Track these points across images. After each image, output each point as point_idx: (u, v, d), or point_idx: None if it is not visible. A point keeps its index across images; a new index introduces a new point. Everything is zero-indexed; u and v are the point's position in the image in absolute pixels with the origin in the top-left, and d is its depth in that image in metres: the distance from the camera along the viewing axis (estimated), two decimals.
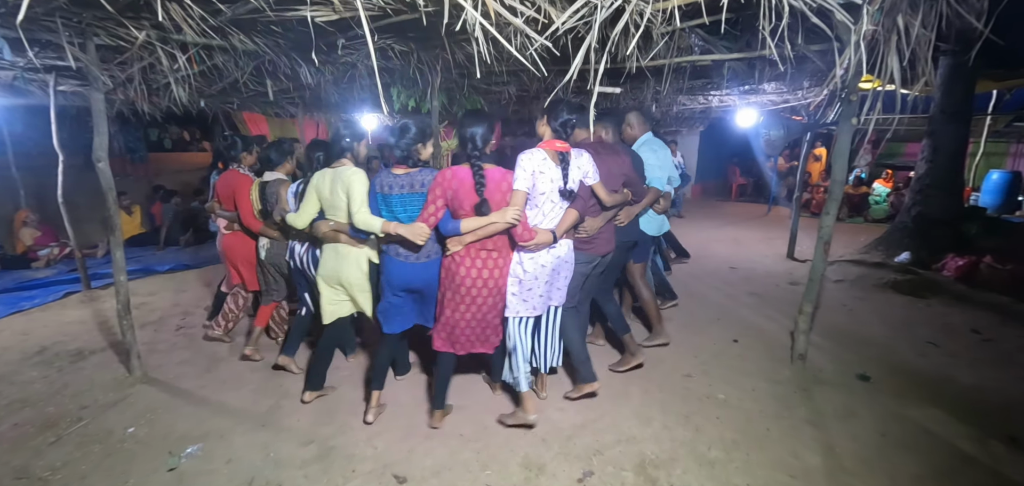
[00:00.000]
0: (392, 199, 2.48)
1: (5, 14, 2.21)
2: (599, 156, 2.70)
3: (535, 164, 2.35)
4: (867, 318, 4.35)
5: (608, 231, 2.87)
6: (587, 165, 2.54)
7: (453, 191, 2.33)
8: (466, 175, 2.31)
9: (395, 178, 2.48)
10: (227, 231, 3.57)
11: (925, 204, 6.01)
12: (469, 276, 2.42)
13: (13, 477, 2.36)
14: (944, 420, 2.78)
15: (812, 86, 5.29)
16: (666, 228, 3.70)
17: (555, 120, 2.44)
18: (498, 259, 2.45)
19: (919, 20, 2.19)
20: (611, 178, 2.76)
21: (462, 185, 2.31)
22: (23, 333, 4.13)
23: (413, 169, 2.50)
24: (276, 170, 3.28)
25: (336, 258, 2.74)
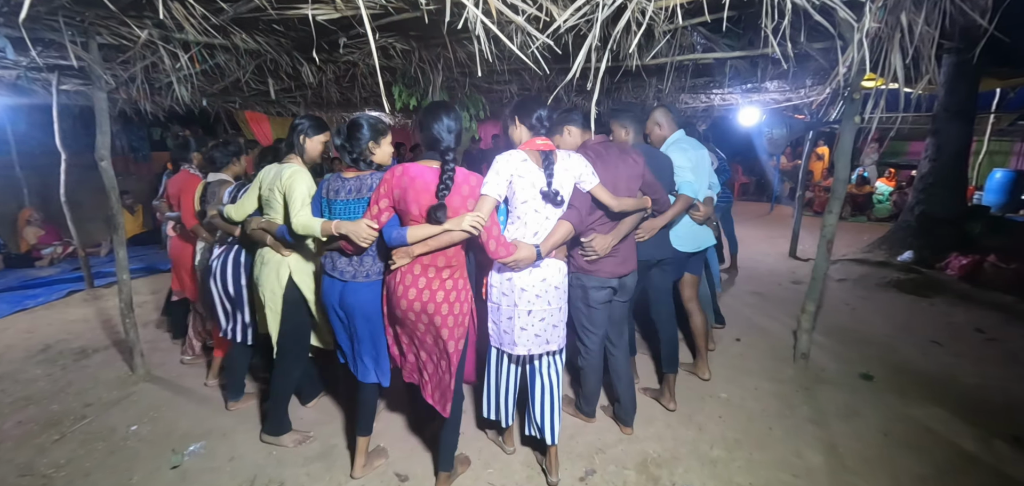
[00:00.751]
0: (336, 205, 2.11)
1: (8, 13, 2.22)
2: (601, 158, 2.32)
3: (512, 167, 1.98)
4: (870, 317, 4.34)
5: (625, 249, 2.42)
6: (580, 167, 2.14)
7: (401, 191, 1.92)
8: (419, 173, 1.92)
9: (342, 182, 2.13)
10: (172, 233, 3.44)
11: (928, 203, 5.99)
12: (405, 299, 1.96)
13: (18, 474, 2.37)
14: (947, 419, 2.78)
15: (814, 84, 5.27)
16: (709, 243, 3.12)
17: (528, 118, 2.09)
18: (447, 281, 1.98)
19: (922, 17, 2.18)
20: (620, 183, 2.33)
21: (413, 184, 1.90)
22: (27, 331, 4.15)
23: (364, 172, 2.13)
24: (222, 171, 3.03)
25: (260, 263, 2.46)
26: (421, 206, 1.91)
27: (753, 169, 12.64)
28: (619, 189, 2.31)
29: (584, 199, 2.20)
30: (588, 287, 2.37)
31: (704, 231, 3.05)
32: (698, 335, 3.19)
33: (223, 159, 3.02)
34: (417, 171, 1.93)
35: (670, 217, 2.71)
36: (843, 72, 2.35)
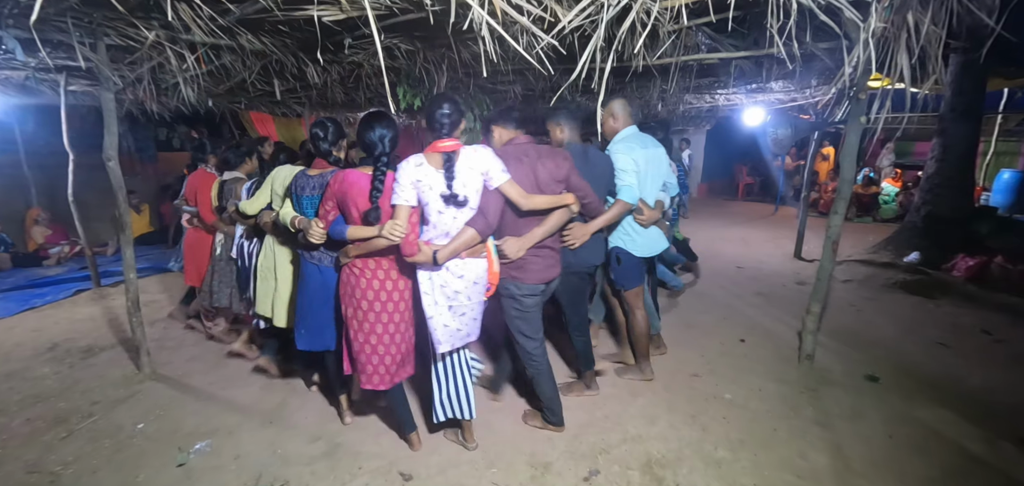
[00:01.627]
0: (303, 200, 2.35)
1: (18, 15, 2.24)
2: (518, 156, 2.26)
3: (410, 174, 2.02)
4: (876, 318, 4.32)
5: (546, 255, 2.36)
6: (486, 163, 2.09)
7: (341, 195, 2.11)
8: (356, 179, 2.09)
9: (307, 179, 2.36)
10: (189, 225, 3.83)
11: (935, 203, 5.95)
12: (371, 289, 2.18)
13: (26, 471, 2.39)
14: (953, 422, 2.76)
15: (820, 84, 5.25)
16: (661, 247, 2.96)
17: (429, 120, 2.09)
18: (396, 276, 2.22)
19: (929, 17, 2.16)
20: (537, 183, 2.25)
21: (351, 189, 2.08)
22: (35, 330, 4.19)
23: (327, 169, 2.36)
24: (235, 170, 3.43)
25: (273, 250, 2.79)
26: (359, 209, 2.08)
27: (758, 169, 12.60)
28: (535, 189, 2.25)
29: (493, 200, 2.14)
30: (517, 295, 2.35)
31: (655, 236, 2.89)
32: (639, 337, 3.06)
33: (236, 160, 3.43)
34: (355, 177, 2.10)
35: (604, 222, 2.56)
36: (849, 72, 2.34)
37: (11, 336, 4.06)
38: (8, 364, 3.53)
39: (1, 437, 2.66)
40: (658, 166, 2.78)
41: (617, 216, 2.61)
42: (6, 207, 6.64)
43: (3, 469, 2.41)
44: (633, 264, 2.85)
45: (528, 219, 2.28)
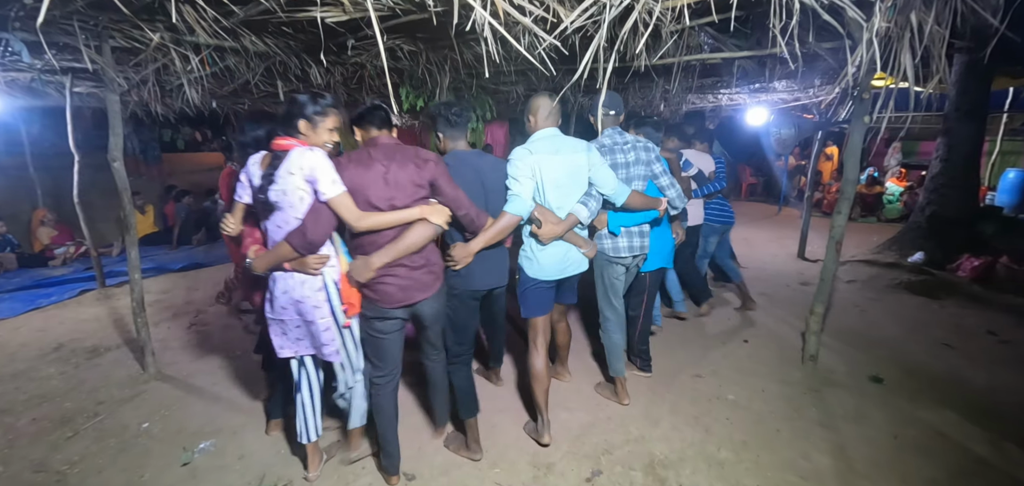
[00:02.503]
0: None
1: (24, 18, 2.26)
2: (363, 162, 1.98)
3: (249, 169, 1.97)
4: (880, 319, 4.30)
5: (404, 275, 2.05)
6: (316, 170, 1.83)
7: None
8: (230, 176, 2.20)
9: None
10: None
11: (940, 203, 5.92)
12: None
13: (32, 471, 2.41)
14: (958, 423, 2.75)
15: (823, 84, 5.24)
16: (577, 270, 2.49)
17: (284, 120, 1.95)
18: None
19: (933, 17, 2.16)
20: (388, 190, 1.97)
21: (226, 186, 2.29)
22: (41, 330, 4.22)
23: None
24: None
25: None
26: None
27: (761, 169, 12.56)
28: (384, 197, 1.98)
29: (321, 214, 1.89)
30: (368, 317, 2.12)
31: (563, 256, 2.40)
32: (561, 347, 3.12)
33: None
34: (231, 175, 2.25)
35: (485, 240, 2.19)
36: (852, 72, 2.33)
37: (17, 336, 4.09)
38: (14, 364, 3.56)
39: (8, 437, 2.68)
40: (574, 174, 2.33)
41: (501, 231, 2.20)
42: (12, 208, 6.69)
43: (10, 468, 2.43)
44: (530, 288, 2.40)
45: (388, 233, 2.02)
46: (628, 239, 2.68)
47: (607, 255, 2.70)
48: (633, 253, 2.69)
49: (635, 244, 2.69)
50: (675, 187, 2.76)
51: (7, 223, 6.44)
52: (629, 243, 2.68)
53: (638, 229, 2.70)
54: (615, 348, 2.85)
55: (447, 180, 2.10)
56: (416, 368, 3.31)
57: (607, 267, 2.74)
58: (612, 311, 2.82)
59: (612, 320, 2.83)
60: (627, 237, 2.67)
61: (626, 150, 2.63)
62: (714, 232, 4.27)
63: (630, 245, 2.68)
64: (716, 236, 4.31)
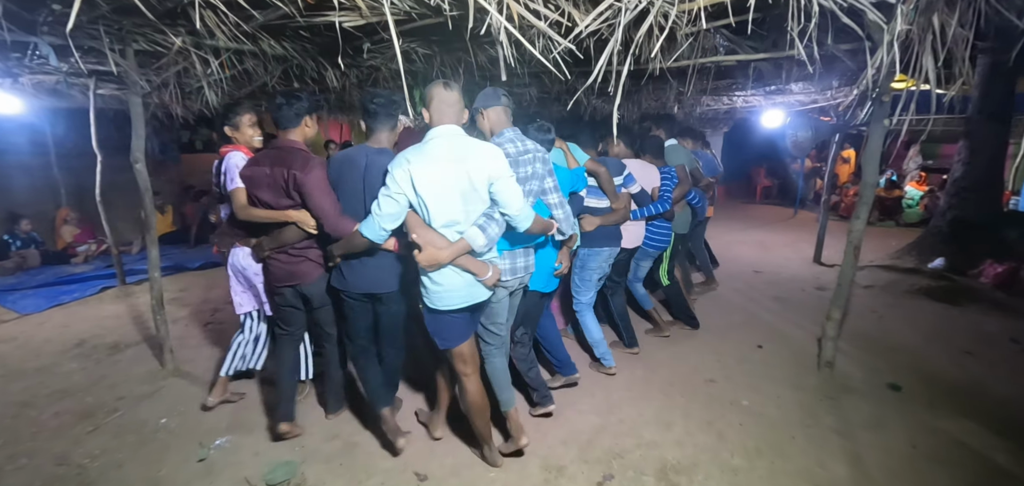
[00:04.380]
0: None
1: (53, 23, 2.33)
2: (262, 159, 2.31)
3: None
4: (898, 326, 4.22)
5: (285, 261, 2.38)
6: (227, 167, 2.48)
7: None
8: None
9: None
10: None
11: (961, 208, 5.80)
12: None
13: (54, 463, 2.47)
14: (979, 433, 2.68)
15: (841, 86, 5.15)
16: (479, 298, 2.12)
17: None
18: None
19: (956, 18, 2.11)
20: (265, 191, 2.28)
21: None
22: (63, 325, 4.32)
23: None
24: None
25: None
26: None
27: (776, 172, 12.40)
28: (261, 197, 2.31)
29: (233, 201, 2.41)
30: (269, 286, 2.58)
31: (464, 286, 2.04)
32: (473, 414, 2.35)
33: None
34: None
35: (342, 250, 2.17)
36: (872, 74, 2.30)
37: (41, 332, 4.19)
38: (38, 359, 3.65)
39: (31, 429, 2.76)
40: (468, 188, 1.94)
41: (349, 246, 2.13)
42: (37, 207, 6.87)
43: (33, 461, 2.50)
44: (439, 318, 2.12)
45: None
46: (512, 261, 2.26)
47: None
48: (517, 275, 2.29)
49: (519, 266, 2.29)
50: (564, 208, 2.35)
51: (32, 221, 6.61)
52: (512, 265, 2.26)
53: (523, 250, 2.30)
54: (498, 374, 2.42)
55: (317, 188, 2.18)
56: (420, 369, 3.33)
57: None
58: (490, 336, 2.39)
59: (491, 345, 2.40)
60: (511, 260, 2.25)
61: (527, 161, 2.17)
62: (648, 256, 3.71)
63: (513, 267, 2.26)
64: (649, 261, 3.77)
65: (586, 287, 3.19)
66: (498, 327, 2.36)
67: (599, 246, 3.06)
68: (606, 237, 3.06)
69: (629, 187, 3.18)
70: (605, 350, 3.27)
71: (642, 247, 3.53)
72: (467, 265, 2.01)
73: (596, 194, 2.99)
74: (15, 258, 6.18)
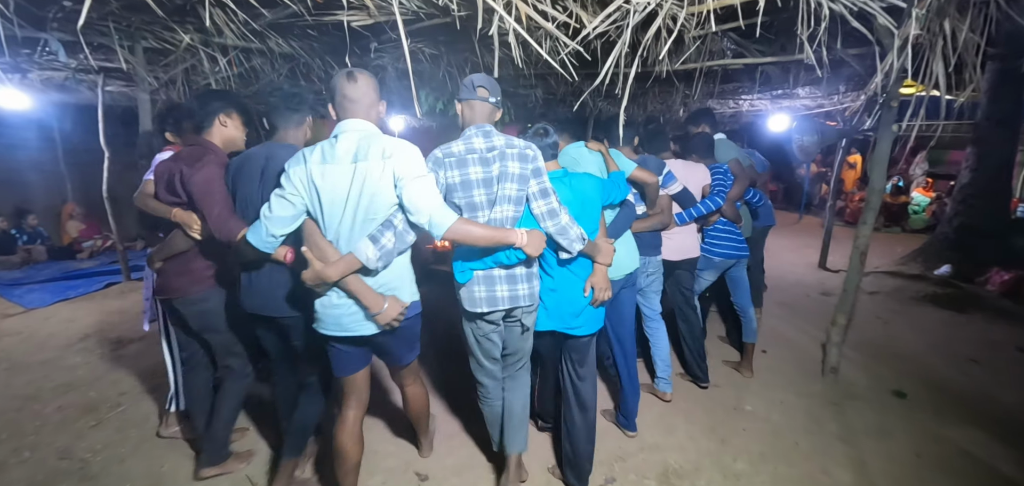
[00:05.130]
0: None
1: (63, 19, 2.34)
2: (177, 157, 2.07)
3: None
4: (904, 332, 4.19)
5: (170, 273, 2.15)
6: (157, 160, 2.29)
7: None
8: None
9: None
10: None
11: (969, 214, 5.76)
12: None
13: (58, 457, 2.48)
14: (985, 442, 2.66)
15: (849, 90, 5.13)
16: (363, 330, 1.78)
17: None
18: None
19: (967, 24, 2.10)
20: (159, 186, 2.10)
21: None
22: (68, 320, 4.34)
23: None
24: None
25: None
26: None
27: (781, 176, 12.35)
28: (158, 194, 2.11)
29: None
30: None
31: (356, 310, 1.74)
32: (415, 418, 2.32)
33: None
34: None
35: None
36: (880, 79, 2.28)
37: (46, 326, 4.22)
38: (43, 352, 3.67)
39: (35, 423, 2.77)
40: (369, 193, 1.66)
41: (243, 255, 1.87)
42: (44, 202, 6.92)
43: (37, 454, 2.51)
44: (320, 343, 1.88)
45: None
46: (488, 286, 1.90)
47: (464, 308, 1.99)
48: (498, 306, 1.91)
49: (500, 294, 1.91)
50: (559, 218, 1.90)
51: (39, 216, 6.66)
52: (490, 292, 1.90)
53: (505, 272, 1.91)
54: (495, 418, 2.22)
55: (202, 185, 1.92)
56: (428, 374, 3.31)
57: (468, 323, 2.04)
58: (483, 373, 2.14)
59: (488, 386, 2.16)
60: (486, 283, 1.90)
61: (489, 161, 1.84)
62: (712, 267, 3.17)
63: (491, 296, 1.90)
64: (713, 273, 3.21)
65: (653, 296, 2.85)
66: (492, 364, 2.11)
67: (651, 254, 2.71)
68: (648, 244, 2.68)
69: (668, 188, 2.75)
70: (668, 372, 2.96)
71: (704, 256, 3.10)
72: (354, 289, 1.69)
73: (639, 200, 2.65)
74: (21, 253, 6.22)
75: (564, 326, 2.10)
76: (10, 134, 6.53)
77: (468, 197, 1.83)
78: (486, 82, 1.88)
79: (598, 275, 2.07)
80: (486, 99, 1.88)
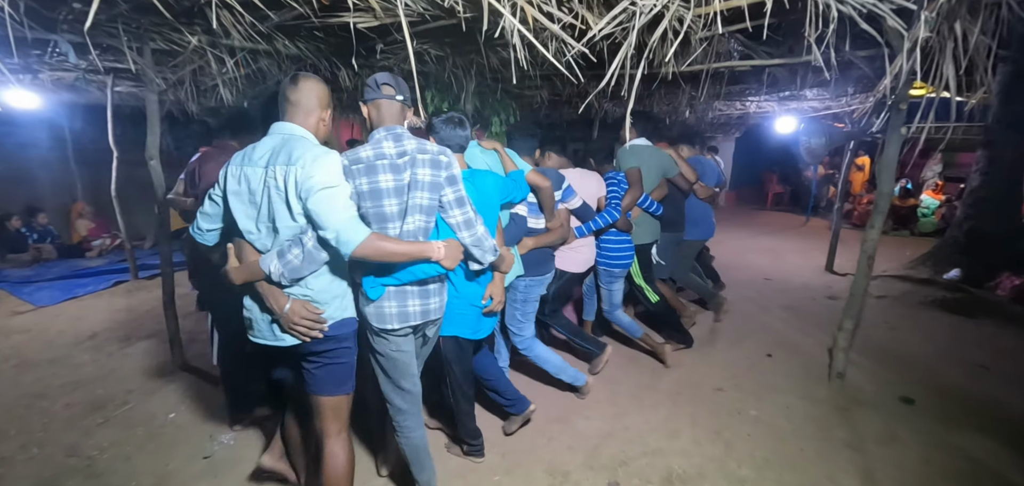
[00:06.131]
0: None
1: (73, 21, 2.36)
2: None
3: None
4: (912, 337, 4.15)
5: None
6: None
7: None
8: None
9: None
10: None
11: (979, 218, 5.69)
12: None
13: (65, 454, 2.50)
14: (994, 450, 2.63)
15: (857, 92, 5.09)
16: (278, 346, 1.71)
17: None
18: None
19: (978, 26, 2.07)
20: None
21: None
22: (77, 318, 4.39)
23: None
24: None
25: None
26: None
27: (788, 178, 12.28)
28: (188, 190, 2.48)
29: None
30: None
31: (259, 318, 1.70)
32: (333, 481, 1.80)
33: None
34: None
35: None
36: (890, 82, 2.26)
37: (55, 323, 4.26)
38: (52, 350, 3.71)
39: (43, 420, 2.80)
40: (265, 200, 1.60)
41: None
42: (54, 201, 6.99)
43: (44, 450, 2.53)
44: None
45: None
46: (400, 302, 1.79)
47: (371, 325, 1.81)
48: (411, 322, 1.82)
49: (413, 309, 1.81)
50: (474, 228, 1.85)
51: (48, 215, 6.73)
52: (401, 307, 1.80)
53: (418, 287, 1.82)
54: (420, 452, 2.02)
55: (206, 185, 2.09)
56: None
57: (376, 341, 1.86)
58: (401, 397, 1.94)
59: (405, 410, 1.96)
60: (398, 299, 1.79)
61: (400, 168, 1.72)
62: (613, 277, 3.29)
63: (403, 311, 1.80)
64: (617, 282, 3.32)
65: (528, 322, 2.76)
66: (409, 383, 1.93)
67: (541, 273, 2.68)
68: (543, 261, 2.69)
69: (568, 202, 2.78)
70: (573, 372, 2.91)
71: (603, 268, 3.22)
72: (261, 289, 1.64)
73: (535, 212, 2.62)
74: (32, 251, 6.29)
75: (469, 331, 2.21)
76: (21, 133, 6.61)
77: (378, 207, 1.70)
78: (391, 79, 1.78)
79: (497, 284, 2.15)
80: (393, 97, 1.77)
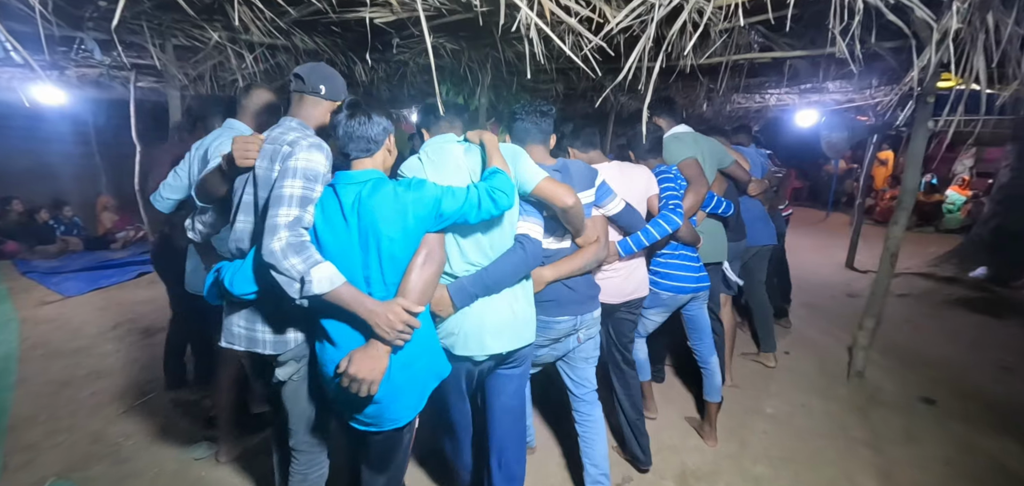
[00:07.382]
0: None
1: (98, 19, 2.42)
2: None
3: None
4: (934, 336, 4.06)
5: None
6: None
7: None
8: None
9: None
10: None
11: (1007, 215, 5.53)
12: None
13: (90, 442, 2.58)
14: (1018, 453, 2.56)
15: (881, 85, 4.95)
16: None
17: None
18: None
19: (1013, 17, 2.00)
20: None
21: None
22: (101, 308, 4.50)
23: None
24: None
25: None
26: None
27: (807, 173, 12.04)
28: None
29: None
30: None
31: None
32: None
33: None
34: None
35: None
36: (917, 74, 2.19)
37: (80, 313, 4.38)
38: (77, 340, 3.81)
39: (69, 407, 2.88)
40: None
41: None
42: (80, 194, 7.18)
43: (71, 437, 2.61)
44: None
45: None
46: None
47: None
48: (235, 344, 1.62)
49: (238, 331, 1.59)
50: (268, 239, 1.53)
51: (74, 208, 6.91)
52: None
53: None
54: None
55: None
56: None
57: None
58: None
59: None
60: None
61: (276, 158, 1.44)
62: (662, 307, 2.45)
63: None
64: (664, 313, 2.49)
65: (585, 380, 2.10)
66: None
67: (556, 315, 1.86)
68: (578, 298, 1.89)
69: (604, 206, 1.99)
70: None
71: (653, 293, 2.33)
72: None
73: (555, 229, 1.84)
74: (59, 243, 6.47)
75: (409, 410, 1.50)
76: (48, 129, 6.79)
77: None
78: (330, 82, 1.57)
79: (364, 352, 1.38)
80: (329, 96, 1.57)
